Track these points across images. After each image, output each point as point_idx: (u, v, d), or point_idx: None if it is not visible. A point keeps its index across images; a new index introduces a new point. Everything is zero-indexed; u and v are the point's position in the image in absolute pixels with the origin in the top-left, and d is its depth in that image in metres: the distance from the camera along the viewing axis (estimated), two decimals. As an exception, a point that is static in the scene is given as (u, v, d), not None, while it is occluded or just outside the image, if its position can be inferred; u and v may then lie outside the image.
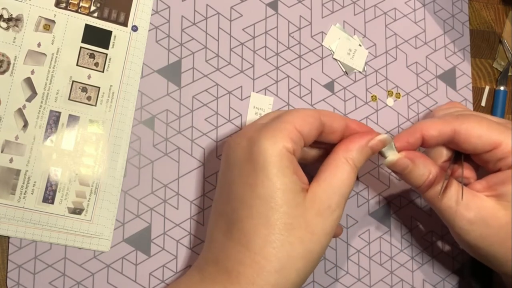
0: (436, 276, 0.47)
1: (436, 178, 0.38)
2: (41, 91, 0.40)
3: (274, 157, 0.34)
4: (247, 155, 0.35)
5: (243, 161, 0.35)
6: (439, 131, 0.38)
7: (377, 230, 0.46)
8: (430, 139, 0.38)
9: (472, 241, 0.38)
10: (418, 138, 0.38)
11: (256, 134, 0.35)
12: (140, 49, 0.42)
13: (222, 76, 0.44)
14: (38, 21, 0.40)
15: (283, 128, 0.34)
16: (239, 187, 0.35)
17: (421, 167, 0.38)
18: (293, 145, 0.34)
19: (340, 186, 0.35)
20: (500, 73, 0.52)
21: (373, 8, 0.49)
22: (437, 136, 0.38)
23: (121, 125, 0.41)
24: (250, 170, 0.34)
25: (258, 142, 0.34)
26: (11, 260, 0.38)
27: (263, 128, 0.35)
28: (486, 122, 0.38)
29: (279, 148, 0.34)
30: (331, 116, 0.37)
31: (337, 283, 0.44)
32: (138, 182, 0.41)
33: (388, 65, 0.48)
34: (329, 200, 0.35)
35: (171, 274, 0.41)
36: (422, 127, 0.38)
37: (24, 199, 0.38)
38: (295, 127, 0.35)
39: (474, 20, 0.52)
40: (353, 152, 0.36)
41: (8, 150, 0.38)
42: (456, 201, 0.37)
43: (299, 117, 0.35)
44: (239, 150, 0.35)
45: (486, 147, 0.38)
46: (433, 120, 0.39)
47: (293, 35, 0.46)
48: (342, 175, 0.35)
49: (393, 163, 0.38)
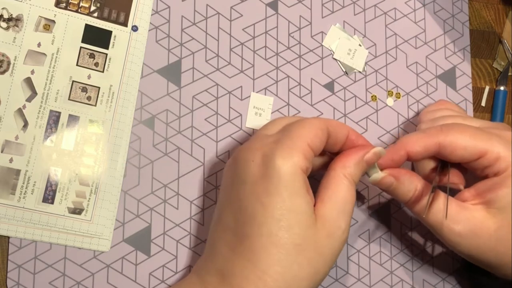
0: (436, 276, 0.47)
1: (423, 193, 0.38)
2: (41, 91, 0.40)
3: (288, 177, 0.33)
4: (261, 172, 0.34)
5: (256, 178, 0.34)
6: (424, 147, 0.38)
7: (377, 230, 0.46)
8: (415, 155, 0.38)
9: (464, 252, 0.38)
10: (403, 156, 0.38)
11: (271, 152, 0.34)
12: (140, 49, 0.42)
13: (222, 76, 0.44)
14: (38, 21, 0.40)
15: (298, 146, 0.34)
16: (250, 203, 0.34)
17: (406, 184, 0.38)
18: (306, 163, 0.34)
19: (343, 203, 0.35)
20: (500, 73, 0.52)
21: (373, 8, 0.49)
22: (422, 152, 0.38)
23: (121, 125, 0.41)
24: (263, 188, 0.34)
25: (273, 161, 0.34)
26: (11, 260, 0.38)
27: (278, 145, 0.35)
28: (469, 132, 0.38)
29: (294, 168, 0.34)
30: (337, 127, 0.37)
31: (337, 283, 0.44)
32: (138, 182, 0.41)
33: (388, 65, 0.48)
34: (339, 221, 0.35)
35: (171, 274, 0.41)
36: (406, 143, 0.38)
37: (24, 199, 0.38)
38: (307, 143, 0.35)
39: (474, 20, 0.52)
40: (351, 167, 0.36)
41: (8, 150, 0.38)
42: (443, 215, 0.37)
43: (310, 132, 0.35)
44: (252, 166, 0.35)
45: (473, 156, 0.38)
46: (417, 135, 0.38)
47: (293, 35, 0.46)
48: (343, 192, 0.35)
49: (377, 181, 0.38)
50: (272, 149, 0.34)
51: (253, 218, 0.34)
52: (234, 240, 0.34)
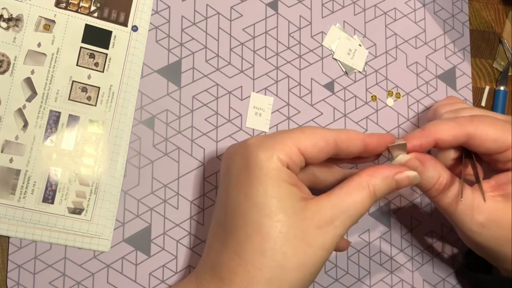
0: (436, 276, 0.47)
1: (446, 181, 0.37)
2: (41, 91, 0.40)
3: (271, 168, 0.33)
4: (244, 164, 0.34)
5: (240, 170, 0.34)
6: (453, 136, 0.37)
7: (377, 230, 0.46)
8: (443, 143, 0.38)
9: (483, 243, 0.38)
10: (431, 142, 0.37)
11: (254, 144, 0.34)
12: (140, 49, 0.42)
13: (222, 76, 0.44)
14: (38, 21, 0.40)
15: (284, 143, 0.34)
16: (235, 195, 0.34)
17: (430, 170, 0.37)
18: (289, 161, 0.34)
19: (351, 207, 0.34)
20: (500, 73, 0.52)
21: (373, 8, 0.49)
22: (451, 141, 0.37)
23: (121, 125, 0.41)
24: (246, 178, 0.34)
25: (255, 152, 0.34)
26: (11, 260, 0.38)
27: (264, 138, 0.35)
28: (500, 124, 0.37)
29: (275, 162, 0.33)
30: (349, 140, 0.36)
31: (337, 283, 0.44)
32: (138, 182, 0.41)
33: (388, 65, 0.48)
34: (334, 217, 0.33)
35: (171, 274, 0.41)
36: (436, 131, 0.37)
37: (24, 199, 0.38)
38: (298, 146, 0.34)
39: (474, 20, 0.52)
40: (378, 179, 0.35)
41: (8, 150, 0.38)
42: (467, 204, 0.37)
43: (308, 139, 0.34)
44: (237, 158, 0.35)
45: (501, 149, 0.37)
46: (448, 124, 0.38)
47: (293, 35, 0.46)
48: (357, 197, 0.34)
49: (401, 164, 0.37)
50: (257, 143, 0.34)
51: (237, 209, 0.34)
52: (224, 234, 0.35)
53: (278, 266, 0.32)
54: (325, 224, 0.33)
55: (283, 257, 0.32)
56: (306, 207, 0.33)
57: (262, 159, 0.33)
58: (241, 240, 0.33)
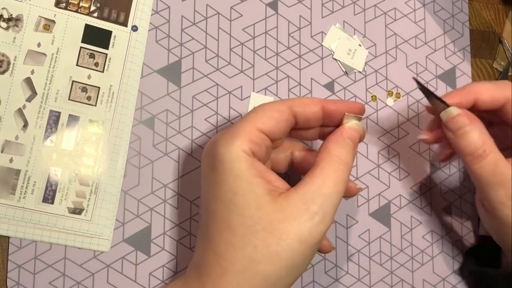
0: (436, 276, 0.47)
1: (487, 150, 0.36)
2: (41, 91, 0.40)
3: (231, 162, 0.33)
4: (210, 162, 0.34)
5: (207, 168, 0.35)
6: (493, 97, 0.36)
7: (377, 230, 0.46)
8: (482, 104, 0.36)
9: (507, 219, 0.36)
10: (470, 101, 0.36)
11: (216, 140, 0.34)
12: (140, 49, 0.42)
13: (222, 76, 0.44)
14: (38, 21, 0.40)
15: (241, 129, 0.34)
16: (205, 193, 0.35)
17: (476, 131, 0.35)
18: (252, 146, 0.33)
19: (322, 186, 0.32)
20: (500, 73, 0.52)
21: (373, 8, 0.49)
22: (489, 102, 0.36)
23: (121, 125, 0.41)
24: (212, 177, 0.34)
25: (217, 148, 0.34)
26: (11, 260, 0.38)
27: (224, 131, 0.35)
28: None
29: (235, 152, 0.33)
30: (303, 105, 0.35)
31: (337, 283, 0.44)
32: (138, 182, 0.41)
33: (388, 65, 0.48)
34: (307, 202, 0.32)
35: (171, 274, 0.41)
36: (476, 89, 0.36)
37: (24, 199, 0.38)
38: (256, 126, 0.34)
39: (474, 20, 0.52)
40: (335, 146, 0.34)
41: (8, 150, 0.38)
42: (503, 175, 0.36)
43: (263, 114, 0.34)
44: (206, 158, 0.35)
45: None
46: (488, 84, 0.37)
47: (293, 35, 0.46)
48: (326, 174, 0.33)
49: (451, 117, 0.36)
50: (218, 138, 0.34)
51: (208, 208, 0.34)
52: (203, 233, 0.35)
53: (248, 258, 0.32)
54: (298, 213, 0.32)
55: (253, 249, 0.32)
56: (274, 201, 0.33)
57: (222, 153, 0.33)
58: (214, 235, 0.34)
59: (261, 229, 0.32)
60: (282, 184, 0.34)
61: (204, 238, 0.35)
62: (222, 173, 0.33)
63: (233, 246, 0.33)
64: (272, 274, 0.32)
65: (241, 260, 0.32)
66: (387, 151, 0.47)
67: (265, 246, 0.32)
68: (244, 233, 0.32)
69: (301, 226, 0.32)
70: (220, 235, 0.33)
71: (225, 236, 0.33)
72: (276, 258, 0.32)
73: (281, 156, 0.39)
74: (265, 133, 0.34)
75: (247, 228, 0.32)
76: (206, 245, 0.34)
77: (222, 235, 0.33)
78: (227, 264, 0.33)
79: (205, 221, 0.35)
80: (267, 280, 0.32)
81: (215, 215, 0.34)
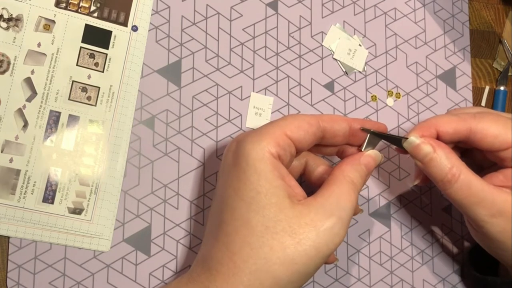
0: (436, 276, 0.47)
1: (457, 172, 0.36)
2: (41, 91, 0.40)
3: (256, 161, 0.33)
4: (234, 159, 0.35)
5: (230, 165, 0.35)
6: (455, 128, 0.37)
7: (377, 230, 0.46)
8: (444, 136, 0.37)
9: (494, 235, 0.37)
10: (432, 134, 0.37)
11: (243, 139, 0.35)
12: (140, 49, 0.42)
13: (222, 76, 0.44)
14: (38, 21, 0.40)
15: (271, 132, 0.34)
16: (225, 190, 0.35)
17: (443, 158, 0.36)
18: (279, 150, 0.34)
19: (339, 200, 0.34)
20: (500, 73, 0.52)
21: (373, 8, 0.49)
22: (452, 134, 0.37)
23: (121, 125, 0.41)
24: (235, 174, 0.34)
25: (243, 146, 0.34)
26: (11, 260, 0.38)
27: (252, 131, 0.35)
28: (502, 121, 0.37)
29: (261, 152, 0.33)
30: (332, 121, 0.36)
31: (337, 283, 0.44)
32: (138, 182, 0.41)
33: (388, 65, 0.48)
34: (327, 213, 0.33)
35: (171, 274, 0.41)
36: (437, 123, 0.37)
37: (24, 199, 0.38)
38: (285, 132, 0.34)
39: (474, 20, 0.52)
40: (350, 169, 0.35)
41: (8, 150, 0.38)
42: (478, 195, 0.36)
43: (293, 123, 0.35)
44: (229, 154, 0.36)
45: (503, 145, 0.37)
46: (449, 116, 0.38)
47: (293, 35, 0.46)
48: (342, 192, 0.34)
49: (414, 146, 0.36)
50: (245, 136, 0.35)
51: (227, 204, 0.34)
52: (216, 229, 0.35)
53: (263, 258, 0.33)
54: (319, 223, 0.33)
55: (269, 250, 0.33)
56: (293, 206, 0.33)
57: (249, 151, 0.34)
58: (229, 232, 0.34)
59: (280, 230, 0.33)
60: (301, 192, 0.35)
61: (216, 234, 0.35)
62: (247, 170, 0.33)
63: (249, 245, 0.33)
64: (284, 278, 0.33)
65: (256, 260, 0.33)
66: (387, 151, 0.47)
67: (282, 249, 0.32)
68: (263, 233, 0.33)
69: (320, 234, 0.33)
70: (237, 232, 0.33)
71: (242, 234, 0.33)
72: (290, 262, 0.33)
73: (296, 164, 0.39)
74: (292, 141, 0.35)
75: (267, 229, 0.33)
76: (218, 242, 0.34)
77: (240, 232, 0.33)
78: (241, 262, 0.33)
79: (219, 217, 0.35)
80: (277, 283, 0.33)
81: (233, 212, 0.34)
